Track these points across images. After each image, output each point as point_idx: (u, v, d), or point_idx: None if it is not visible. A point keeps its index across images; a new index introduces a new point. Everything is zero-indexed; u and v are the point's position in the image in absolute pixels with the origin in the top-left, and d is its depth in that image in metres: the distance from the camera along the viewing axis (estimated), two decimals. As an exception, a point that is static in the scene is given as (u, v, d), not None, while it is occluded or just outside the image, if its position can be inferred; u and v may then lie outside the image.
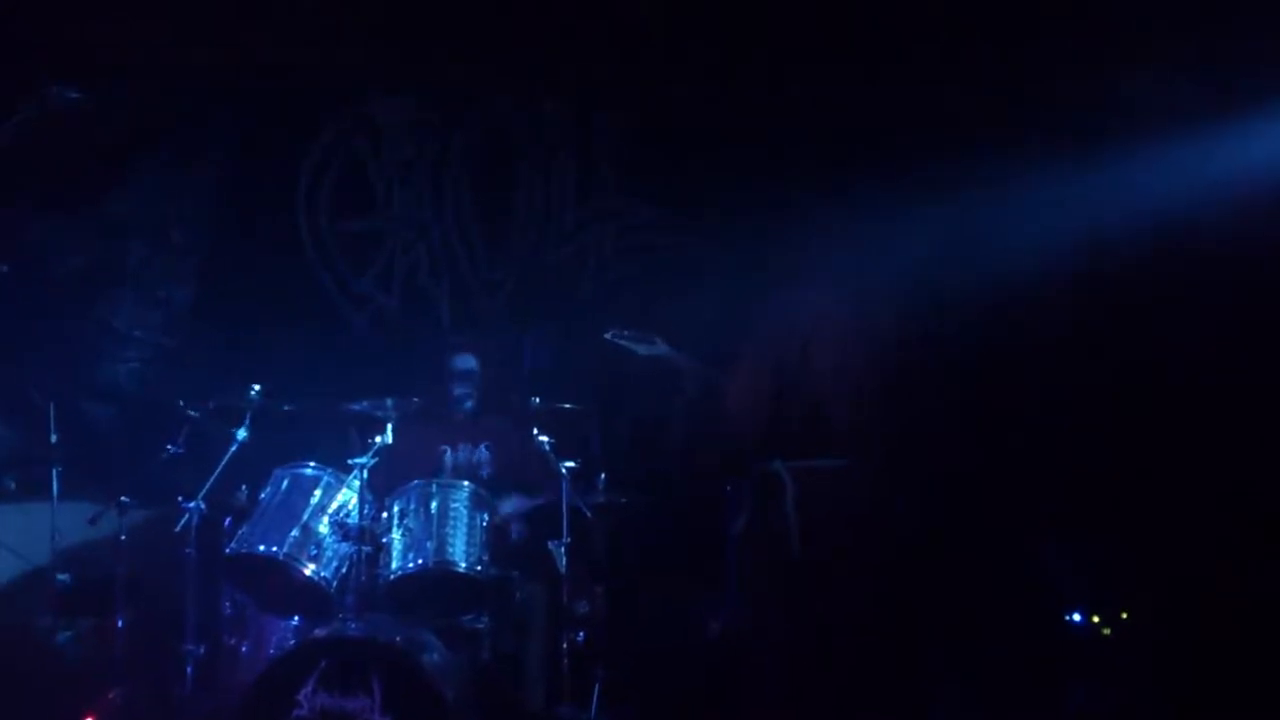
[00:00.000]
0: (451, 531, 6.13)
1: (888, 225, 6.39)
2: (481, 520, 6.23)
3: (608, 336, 6.30)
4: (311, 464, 6.26)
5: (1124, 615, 6.59)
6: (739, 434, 6.14)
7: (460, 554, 6.10)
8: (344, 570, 6.08)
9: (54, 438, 6.56)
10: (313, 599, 6.09)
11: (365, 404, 6.29)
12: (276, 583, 6.09)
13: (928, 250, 6.43)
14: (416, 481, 6.29)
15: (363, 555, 6.05)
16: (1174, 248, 6.59)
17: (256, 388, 6.35)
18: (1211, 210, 6.44)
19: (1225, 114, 6.49)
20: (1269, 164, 6.41)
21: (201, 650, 6.21)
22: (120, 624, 6.29)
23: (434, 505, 6.19)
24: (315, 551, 6.05)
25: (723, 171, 7.67)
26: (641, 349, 6.28)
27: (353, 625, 5.83)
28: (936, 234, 6.53)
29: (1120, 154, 6.66)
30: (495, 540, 6.32)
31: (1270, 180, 6.41)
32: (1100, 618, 6.60)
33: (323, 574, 6.04)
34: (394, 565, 6.10)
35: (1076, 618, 6.62)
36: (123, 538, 6.34)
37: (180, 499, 6.15)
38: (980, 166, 6.71)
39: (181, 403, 6.39)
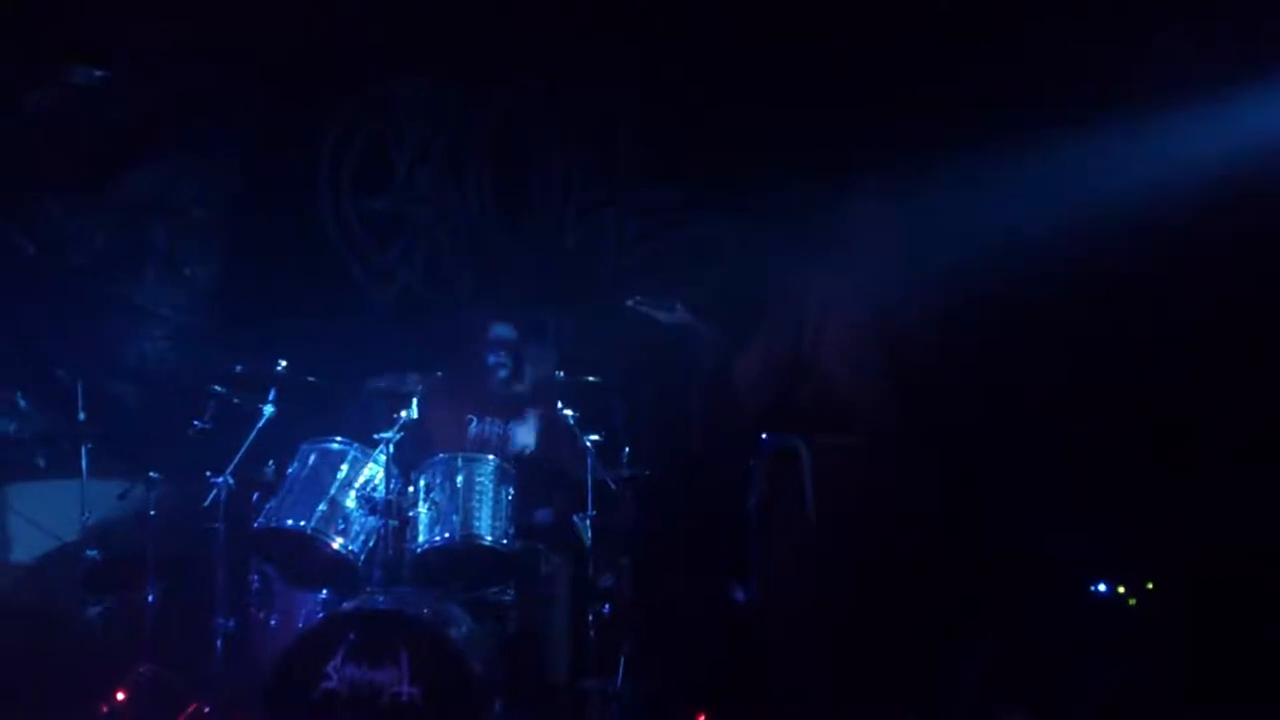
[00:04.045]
0: (477, 505, 6.15)
1: (904, 210, 6.41)
2: (507, 494, 6.24)
3: (630, 303, 6.36)
4: (338, 439, 6.28)
5: (1149, 585, 6.61)
6: (750, 407, 6.19)
7: (486, 527, 6.12)
8: (371, 544, 6.11)
9: (82, 415, 6.62)
10: (340, 572, 6.13)
11: (387, 380, 6.33)
12: (304, 557, 6.14)
13: (942, 235, 6.43)
14: (442, 456, 6.31)
15: (389, 529, 6.07)
16: (1193, 229, 6.58)
17: (282, 363, 6.38)
18: (1232, 192, 6.43)
19: (1257, 83, 6.48)
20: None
21: (230, 624, 6.24)
22: (149, 599, 6.32)
23: (459, 479, 6.20)
24: (343, 525, 6.10)
25: (742, 153, 7.67)
26: (663, 315, 6.34)
27: (380, 598, 5.87)
28: (950, 219, 6.54)
29: (1132, 134, 6.65)
30: (520, 515, 6.36)
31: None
32: (1125, 589, 6.62)
33: (350, 548, 6.08)
34: (421, 539, 6.11)
35: (1102, 588, 6.65)
36: (151, 513, 6.37)
37: (208, 474, 6.17)
38: (992, 150, 6.70)
39: (207, 379, 6.43)
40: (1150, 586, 6.62)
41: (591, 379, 6.50)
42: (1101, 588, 6.66)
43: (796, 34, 7.31)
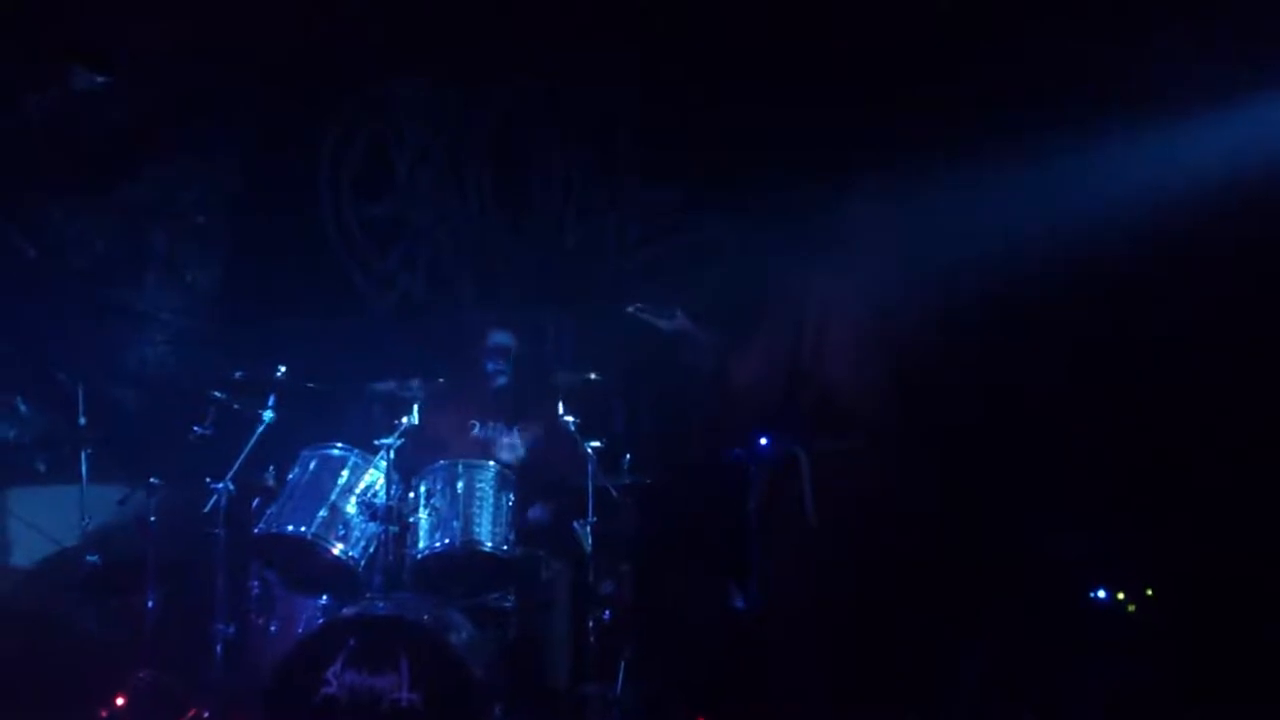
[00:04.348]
0: (478, 511, 6.16)
1: (904, 210, 6.38)
2: (507, 500, 6.25)
3: (630, 310, 6.34)
4: (338, 445, 6.30)
5: (1149, 592, 6.61)
6: (752, 409, 6.19)
7: (486, 533, 6.13)
8: (371, 550, 6.13)
9: (82, 420, 6.63)
10: (340, 578, 6.14)
11: (391, 384, 6.34)
12: (304, 562, 6.16)
13: (942, 235, 6.41)
14: (442, 462, 6.32)
15: (390, 535, 6.08)
16: (1193, 229, 6.56)
17: (282, 368, 6.38)
18: (1232, 192, 6.41)
19: (1257, 84, 6.46)
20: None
21: (230, 630, 6.25)
22: (149, 604, 6.34)
23: (460, 485, 6.21)
24: (343, 531, 6.11)
25: (742, 153, 7.65)
26: (663, 323, 6.33)
27: (380, 604, 5.88)
28: (950, 219, 6.52)
29: (1132, 134, 6.63)
30: (521, 520, 6.36)
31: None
32: (1125, 595, 6.62)
33: (350, 553, 6.09)
34: (421, 545, 6.12)
35: (1101, 594, 6.65)
36: (152, 518, 6.39)
37: (208, 480, 6.18)
38: (992, 150, 6.68)
39: (207, 384, 6.43)
40: (1149, 593, 6.62)
41: (592, 376, 6.50)
42: (1101, 594, 6.66)
43: (796, 34, 7.29)
